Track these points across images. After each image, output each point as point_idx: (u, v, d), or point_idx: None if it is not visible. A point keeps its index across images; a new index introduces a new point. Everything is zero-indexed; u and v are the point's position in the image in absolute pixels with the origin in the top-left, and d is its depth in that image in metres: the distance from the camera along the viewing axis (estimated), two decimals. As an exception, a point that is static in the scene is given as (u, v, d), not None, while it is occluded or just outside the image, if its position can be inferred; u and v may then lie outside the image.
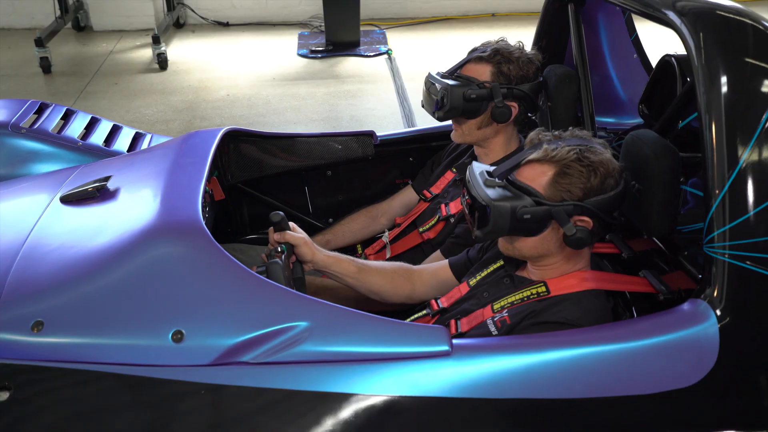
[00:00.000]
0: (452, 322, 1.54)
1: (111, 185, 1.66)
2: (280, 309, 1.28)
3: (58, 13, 5.47)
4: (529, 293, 1.44)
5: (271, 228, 1.59)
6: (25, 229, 1.52)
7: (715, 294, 1.29)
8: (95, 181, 1.66)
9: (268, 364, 1.23)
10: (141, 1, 6.02)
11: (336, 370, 1.23)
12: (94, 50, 5.68)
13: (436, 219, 2.03)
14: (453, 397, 1.23)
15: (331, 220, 2.43)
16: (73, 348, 1.24)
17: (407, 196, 2.27)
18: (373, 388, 1.22)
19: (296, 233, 1.60)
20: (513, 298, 1.46)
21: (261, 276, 1.35)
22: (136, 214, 1.47)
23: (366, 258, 2.19)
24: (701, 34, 1.32)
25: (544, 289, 1.44)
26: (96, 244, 1.40)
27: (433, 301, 1.65)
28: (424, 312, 1.66)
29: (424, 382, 1.24)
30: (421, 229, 2.06)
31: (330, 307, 1.30)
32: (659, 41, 2.41)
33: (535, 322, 1.40)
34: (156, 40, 5.22)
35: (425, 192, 2.16)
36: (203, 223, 1.40)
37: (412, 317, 1.67)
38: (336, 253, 1.67)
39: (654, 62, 2.21)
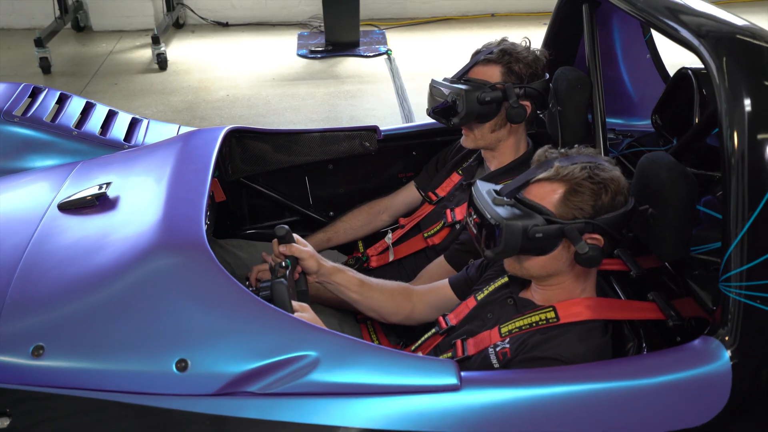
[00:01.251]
0: (458, 342, 1.52)
1: (111, 193, 1.61)
2: (287, 338, 1.25)
3: (58, 13, 5.46)
4: (537, 318, 1.42)
5: (275, 240, 1.57)
6: (23, 241, 1.48)
7: (729, 333, 1.27)
8: (94, 188, 1.62)
9: (275, 395, 1.20)
10: (141, 1, 6.01)
11: (344, 403, 1.21)
12: (94, 50, 5.68)
13: (441, 224, 2.01)
14: None
15: (332, 213, 2.42)
16: (74, 374, 1.22)
17: (410, 193, 2.25)
18: (381, 423, 1.21)
19: (302, 246, 1.59)
20: (521, 323, 1.44)
21: (265, 300, 1.32)
22: (137, 230, 1.43)
23: (368, 258, 2.18)
24: (724, 59, 1.29)
25: (553, 315, 1.42)
26: (97, 263, 1.37)
27: (441, 319, 1.63)
28: (433, 331, 1.64)
29: (433, 416, 1.22)
30: (425, 234, 2.05)
31: (338, 337, 1.29)
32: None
33: (529, 357, 1.38)
34: (156, 41, 5.21)
35: (430, 194, 2.14)
36: (208, 245, 1.37)
37: (422, 339, 1.66)
38: (340, 266, 1.67)
39: (666, 62, 2.18)
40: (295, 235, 1.61)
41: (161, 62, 5.24)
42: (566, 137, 1.92)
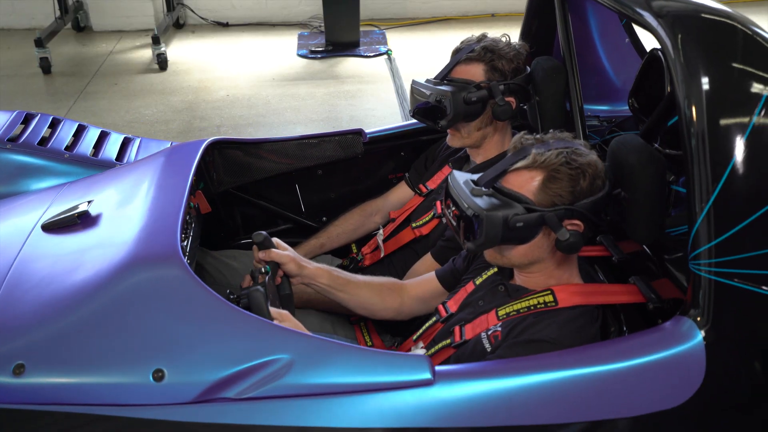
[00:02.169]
0: (456, 329, 1.52)
1: (93, 211, 1.63)
2: (260, 342, 1.26)
3: (58, 13, 5.46)
4: (536, 301, 1.41)
5: (255, 247, 1.56)
6: (7, 264, 1.50)
7: (701, 313, 1.25)
8: (77, 206, 1.64)
9: (251, 399, 1.21)
10: (141, 2, 6.01)
11: (319, 404, 1.22)
12: (94, 50, 5.68)
13: (430, 215, 2.01)
14: (437, 427, 1.22)
15: (324, 218, 2.41)
16: (55, 390, 1.23)
17: (402, 191, 2.25)
18: (358, 421, 1.21)
19: (281, 251, 1.57)
20: (519, 306, 1.43)
21: (245, 308, 1.33)
22: (114, 246, 1.45)
23: (362, 257, 2.18)
24: (679, 36, 1.27)
25: (551, 298, 1.41)
26: (75, 280, 1.38)
27: (441, 307, 1.63)
28: (434, 319, 1.64)
29: (407, 412, 1.22)
30: (414, 225, 2.04)
31: (310, 338, 1.29)
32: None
33: (518, 341, 1.38)
34: (156, 41, 5.22)
35: (420, 186, 2.13)
36: (182, 256, 1.38)
37: (424, 328, 1.66)
38: (324, 266, 1.65)
39: (647, 45, 2.17)
40: (275, 240, 1.59)
41: (161, 62, 5.24)
42: (546, 126, 1.90)
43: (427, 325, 1.66)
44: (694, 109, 1.23)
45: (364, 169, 2.42)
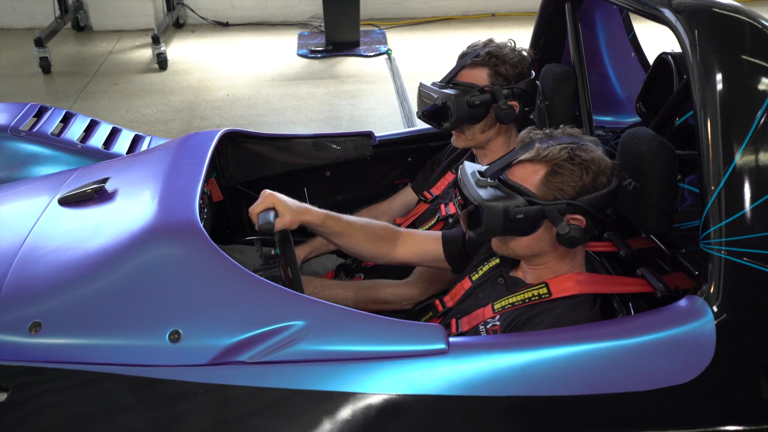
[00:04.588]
0: (453, 321, 1.54)
1: (109, 187, 1.66)
2: (276, 308, 1.28)
3: (58, 13, 5.47)
4: (530, 294, 1.43)
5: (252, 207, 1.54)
6: (24, 231, 1.52)
7: (712, 290, 1.29)
8: (93, 183, 1.67)
9: (265, 363, 1.23)
10: (141, 1, 6.02)
11: (333, 369, 1.23)
12: (94, 50, 5.68)
13: (435, 219, 2.03)
14: (450, 395, 1.23)
15: None
16: (70, 349, 1.25)
17: (407, 196, 2.27)
18: (371, 387, 1.23)
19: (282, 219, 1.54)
20: (514, 299, 1.45)
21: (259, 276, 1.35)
22: (133, 215, 1.47)
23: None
24: (696, 31, 1.33)
25: (545, 290, 1.43)
26: (93, 246, 1.40)
27: (438, 302, 1.65)
28: (430, 314, 1.66)
29: (422, 380, 1.24)
30: (420, 229, 2.06)
31: (326, 306, 1.30)
32: (656, 40, 2.42)
33: (518, 334, 1.39)
34: (156, 40, 5.22)
35: (425, 193, 2.16)
36: (200, 223, 1.40)
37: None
38: (323, 213, 1.60)
39: (652, 60, 2.23)
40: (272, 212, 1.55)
41: (161, 62, 5.24)
42: None
43: (423, 320, 1.67)
44: (708, 97, 1.29)
45: (372, 174, 2.44)
